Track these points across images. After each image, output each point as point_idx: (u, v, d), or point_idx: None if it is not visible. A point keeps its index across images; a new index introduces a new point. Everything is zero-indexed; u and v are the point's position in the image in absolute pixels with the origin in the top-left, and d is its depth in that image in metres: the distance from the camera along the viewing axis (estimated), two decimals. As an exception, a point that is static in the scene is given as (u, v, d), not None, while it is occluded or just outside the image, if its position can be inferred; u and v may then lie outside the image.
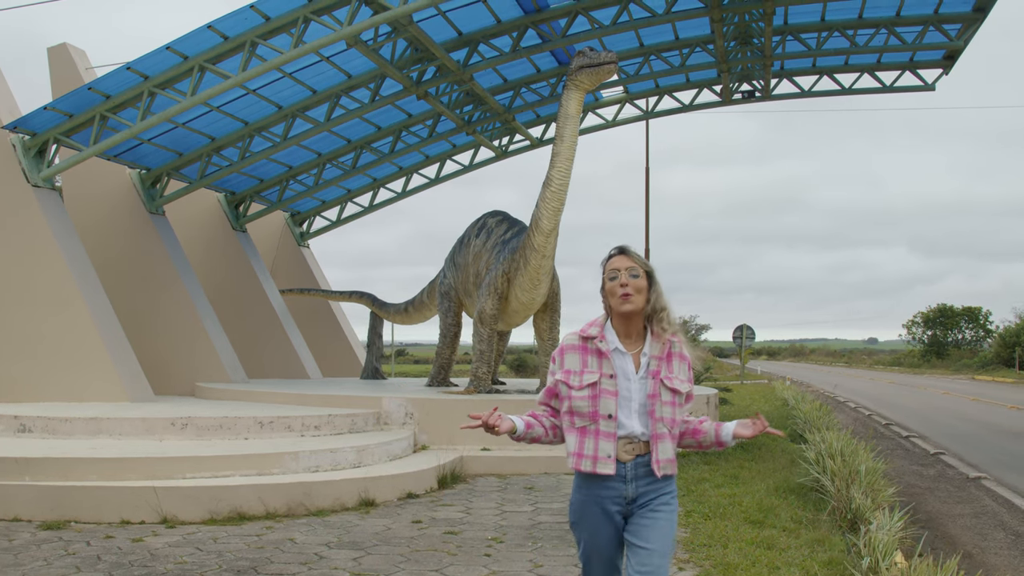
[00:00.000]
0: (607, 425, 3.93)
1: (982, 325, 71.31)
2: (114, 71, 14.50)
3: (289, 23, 13.74)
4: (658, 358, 3.98)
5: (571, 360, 4.04)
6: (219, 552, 7.71)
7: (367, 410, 13.27)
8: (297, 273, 23.26)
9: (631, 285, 3.96)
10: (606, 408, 3.92)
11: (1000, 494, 11.21)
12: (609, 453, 3.92)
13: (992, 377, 47.29)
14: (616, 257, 4.08)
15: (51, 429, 11.62)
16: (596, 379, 3.94)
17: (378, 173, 22.57)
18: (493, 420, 4.01)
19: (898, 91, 20.90)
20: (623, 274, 3.98)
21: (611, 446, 3.92)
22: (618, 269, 4.00)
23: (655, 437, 3.94)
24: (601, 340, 4.00)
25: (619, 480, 3.97)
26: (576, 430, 3.98)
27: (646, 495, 3.99)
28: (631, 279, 3.97)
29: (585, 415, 3.95)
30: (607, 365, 3.96)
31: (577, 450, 3.98)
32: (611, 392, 3.93)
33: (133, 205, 18.06)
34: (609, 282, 4.02)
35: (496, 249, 14.66)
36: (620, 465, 3.95)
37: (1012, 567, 7.63)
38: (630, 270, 3.99)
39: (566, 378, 4.02)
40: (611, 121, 22.43)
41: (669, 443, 3.98)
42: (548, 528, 8.76)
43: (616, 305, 3.98)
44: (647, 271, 4.05)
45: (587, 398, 3.94)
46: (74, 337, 14.69)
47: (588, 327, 4.08)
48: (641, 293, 3.98)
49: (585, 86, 12.99)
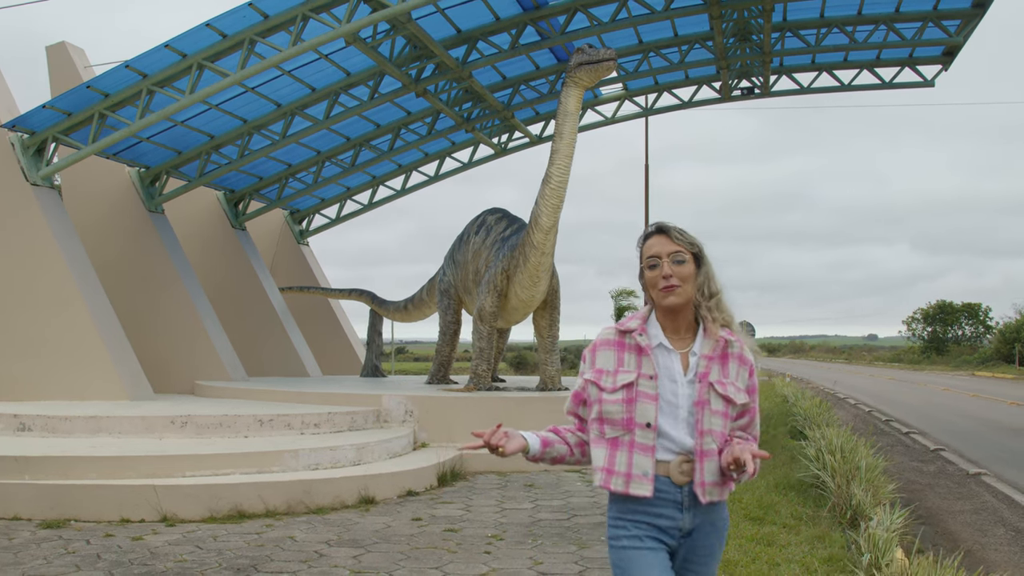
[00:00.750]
0: (644, 436, 3.23)
1: (982, 321, 71.33)
2: (113, 69, 14.49)
3: (288, 21, 13.72)
4: (709, 358, 3.29)
5: (605, 358, 3.37)
6: (219, 550, 7.71)
7: (367, 408, 13.27)
8: (297, 271, 23.25)
9: (676, 274, 3.28)
10: (644, 415, 3.22)
11: (1000, 490, 11.21)
12: (646, 470, 3.21)
13: (992, 373, 47.29)
14: (655, 238, 3.37)
15: (51, 428, 11.61)
16: (632, 379, 3.26)
17: (377, 171, 22.55)
18: (496, 440, 3.31)
19: (898, 87, 20.90)
20: (665, 262, 3.29)
21: (648, 462, 3.22)
22: (659, 256, 3.31)
23: (700, 455, 3.23)
24: (641, 334, 3.33)
25: (673, 506, 3.26)
26: (606, 442, 3.29)
27: (702, 528, 3.31)
28: (675, 267, 3.29)
29: (618, 423, 3.25)
30: (647, 364, 3.28)
31: (607, 465, 3.28)
32: (650, 396, 3.24)
33: (132, 203, 18.05)
34: (649, 272, 3.34)
35: (496, 246, 14.65)
36: (675, 489, 3.25)
37: (1012, 563, 7.63)
38: (674, 256, 3.30)
39: (597, 378, 3.34)
40: (610, 118, 22.42)
41: (716, 462, 3.26)
42: (548, 525, 8.76)
43: (659, 299, 3.32)
44: (695, 252, 3.35)
45: (621, 402, 3.25)
46: (73, 335, 14.68)
47: (628, 319, 3.41)
48: (689, 282, 3.30)
49: (584, 83, 12.98)
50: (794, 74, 21.21)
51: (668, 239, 3.35)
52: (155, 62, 14.30)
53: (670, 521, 3.26)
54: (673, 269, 3.28)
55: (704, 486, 3.24)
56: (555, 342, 14.92)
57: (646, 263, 3.36)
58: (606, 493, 3.31)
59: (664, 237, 3.36)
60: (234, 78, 14.03)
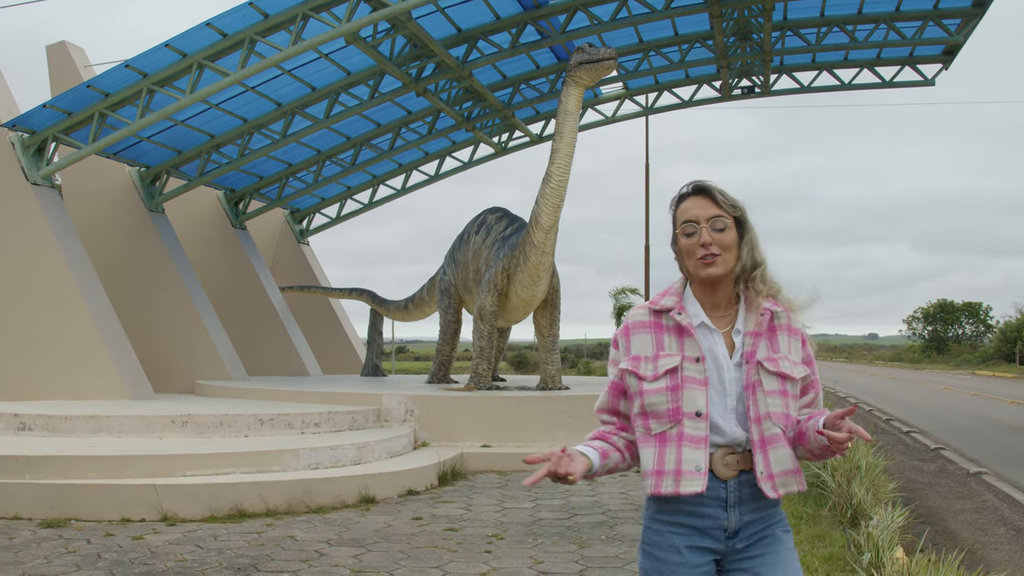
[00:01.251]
0: (695, 426, 2.81)
1: (983, 320, 71.37)
2: (113, 69, 14.49)
3: (288, 20, 13.72)
4: (755, 335, 2.88)
5: (641, 342, 2.93)
6: (219, 550, 7.71)
7: (367, 407, 13.27)
8: (297, 270, 23.25)
9: (716, 242, 2.85)
10: (692, 403, 2.81)
11: (1001, 489, 11.20)
12: (699, 464, 2.80)
13: (993, 372, 47.28)
14: (691, 200, 2.92)
15: (51, 427, 11.61)
16: (676, 364, 2.85)
17: (377, 170, 22.55)
18: (564, 468, 2.74)
19: (898, 86, 20.90)
20: (704, 228, 2.85)
21: (700, 455, 2.80)
22: (696, 221, 2.87)
23: (762, 443, 2.81)
24: (680, 312, 2.90)
25: (716, 504, 2.85)
26: (653, 439, 2.86)
27: (753, 526, 2.89)
28: (716, 234, 2.86)
29: (664, 415, 2.83)
30: (691, 345, 2.86)
31: (656, 466, 2.84)
32: (698, 381, 2.83)
33: (132, 203, 18.04)
34: (684, 239, 2.90)
35: (496, 246, 14.65)
36: (719, 484, 2.84)
37: (1013, 562, 7.63)
38: (714, 221, 2.86)
39: (635, 367, 2.90)
40: (610, 117, 22.42)
41: (785, 448, 2.84)
42: (549, 524, 8.76)
43: (696, 270, 2.89)
44: (737, 217, 2.91)
45: (665, 390, 2.83)
46: (74, 335, 14.68)
47: (661, 296, 2.98)
48: (731, 250, 2.87)
49: (584, 82, 12.99)
50: (794, 73, 21.22)
51: (708, 201, 2.90)
52: (155, 61, 14.30)
53: (713, 521, 2.86)
54: (713, 236, 2.85)
55: (774, 479, 2.82)
56: (555, 341, 14.93)
57: (681, 229, 2.91)
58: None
59: (703, 199, 2.91)
60: (234, 77, 14.03)
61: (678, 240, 2.93)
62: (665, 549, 2.88)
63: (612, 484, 10.82)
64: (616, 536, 8.23)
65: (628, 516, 9.07)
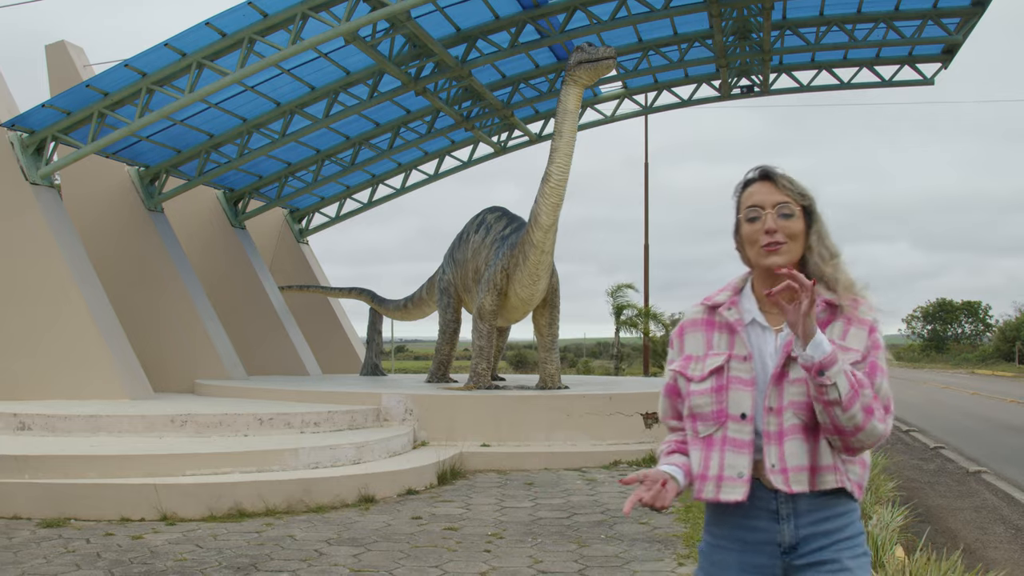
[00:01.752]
0: (739, 429, 2.64)
1: (982, 319, 71.45)
2: (112, 68, 14.48)
3: (287, 19, 13.71)
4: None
5: (694, 341, 2.81)
6: (219, 549, 7.71)
7: (367, 406, 13.27)
8: (296, 270, 23.24)
9: (781, 230, 2.69)
10: (738, 404, 2.65)
11: (1000, 488, 11.21)
12: (741, 471, 2.62)
13: (992, 371, 47.31)
14: (757, 185, 2.77)
15: (50, 427, 11.61)
16: (723, 363, 2.70)
17: (377, 169, 22.54)
18: (661, 503, 2.63)
19: (897, 85, 20.90)
20: (769, 214, 2.69)
21: (744, 461, 2.63)
22: (761, 206, 2.71)
23: (778, 435, 2.62)
24: (731, 307, 2.76)
25: (767, 516, 2.65)
26: (700, 441, 2.71)
27: (814, 542, 2.63)
28: (781, 220, 2.69)
29: (709, 417, 2.69)
30: (740, 343, 2.71)
31: (700, 470, 2.70)
32: (744, 381, 2.66)
33: (132, 202, 18.04)
34: (747, 224, 2.74)
35: (495, 245, 14.65)
36: (768, 494, 2.64)
37: (1013, 561, 7.63)
38: (780, 207, 2.70)
39: (684, 368, 2.79)
40: (610, 116, 22.41)
41: (803, 442, 2.62)
42: (548, 524, 8.76)
43: (758, 258, 2.72)
44: (805, 205, 2.73)
45: (710, 391, 2.70)
46: (73, 335, 14.67)
47: (717, 291, 2.85)
48: (796, 239, 2.70)
49: (584, 81, 13.01)
50: (794, 72, 21.20)
51: (773, 187, 2.74)
52: (154, 61, 14.29)
53: (763, 535, 2.65)
54: (778, 223, 2.69)
55: (787, 473, 2.60)
56: (555, 340, 14.94)
57: (745, 214, 2.75)
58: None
59: (769, 184, 2.75)
60: (233, 77, 14.02)
61: (740, 227, 2.77)
62: (714, 562, 2.74)
63: (611, 484, 10.82)
64: (615, 535, 8.23)
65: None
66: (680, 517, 8.92)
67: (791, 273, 2.52)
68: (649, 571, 6.96)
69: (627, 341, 40.70)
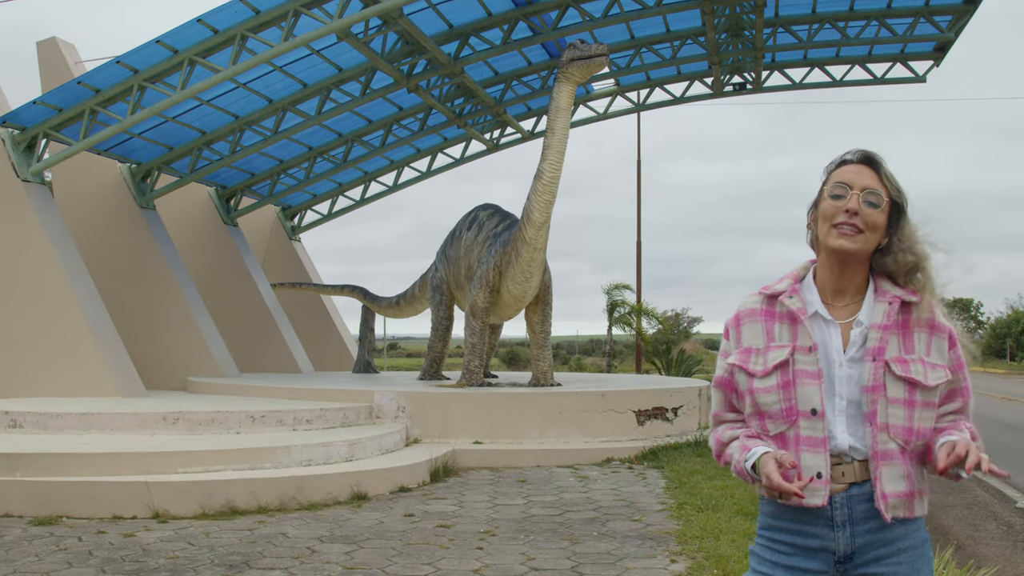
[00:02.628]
0: (811, 426, 2.50)
1: (973, 317, 71.57)
2: (103, 65, 14.44)
3: (279, 16, 13.69)
4: (884, 328, 2.50)
5: (752, 332, 2.65)
6: (211, 546, 7.70)
7: (359, 404, 13.26)
8: (288, 267, 23.21)
9: (863, 216, 2.50)
10: (808, 400, 2.50)
11: (992, 485, 11.25)
12: (819, 471, 2.48)
13: (983, 368, 47.46)
14: (853, 167, 2.58)
15: (42, 424, 11.58)
16: (787, 356, 2.54)
17: (369, 167, 22.52)
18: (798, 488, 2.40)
19: (889, 83, 20.94)
20: (856, 195, 2.51)
21: (821, 460, 2.49)
22: (850, 185, 2.53)
23: (878, 456, 2.47)
24: (792, 296, 2.60)
25: (822, 522, 2.52)
26: (772, 440, 2.57)
27: (871, 551, 2.51)
28: (866, 207, 2.51)
29: (778, 416, 2.54)
30: (803, 334, 2.55)
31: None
32: (811, 374, 2.52)
33: (123, 199, 17.99)
34: (830, 200, 2.56)
35: (488, 242, 14.65)
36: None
37: (1004, 558, 7.66)
38: (868, 193, 2.51)
39: (744, 361, 2.63)
40: (602, 114, 22.41)
41: (900, 467, 2.49)
42: (540, 521, 8.76)
43: (827, 236, 2.54)
44: (897, 201, 2.55)
45: (776, 388, 2.54)
46: (65, 332, 14.64)
47: (777, 280, 2.68)
48: (875, 231, 2.52)
49: (576, 79, 13.01)
50: (786, 69, 21.22)
51: (871, 172, 2.55)
52: (146, 58, 14.26)
53: (818, 541, 2.52)
54: (862, 209, 2.51)
55: (886, 499, 2.46)
56: (547, 338, 14.94)
57: (830, 189, 2.56)
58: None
59: (867, 169, 2.56)
60: (225, 74, 14.00)
61: (821, 201, 2.59)
62: (765, 564, 2.62)
63: (604, 481, 10.83)
64: (608, 532, 8.24)
65: (620, 513, 9.08)
66: (673, 514, 8.93)
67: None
68: (642, 568, 6.97)
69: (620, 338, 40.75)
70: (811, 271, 2.67)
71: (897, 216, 2.56)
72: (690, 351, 34.98)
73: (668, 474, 11.21)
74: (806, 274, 2.67)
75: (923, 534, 2.58)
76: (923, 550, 2.56)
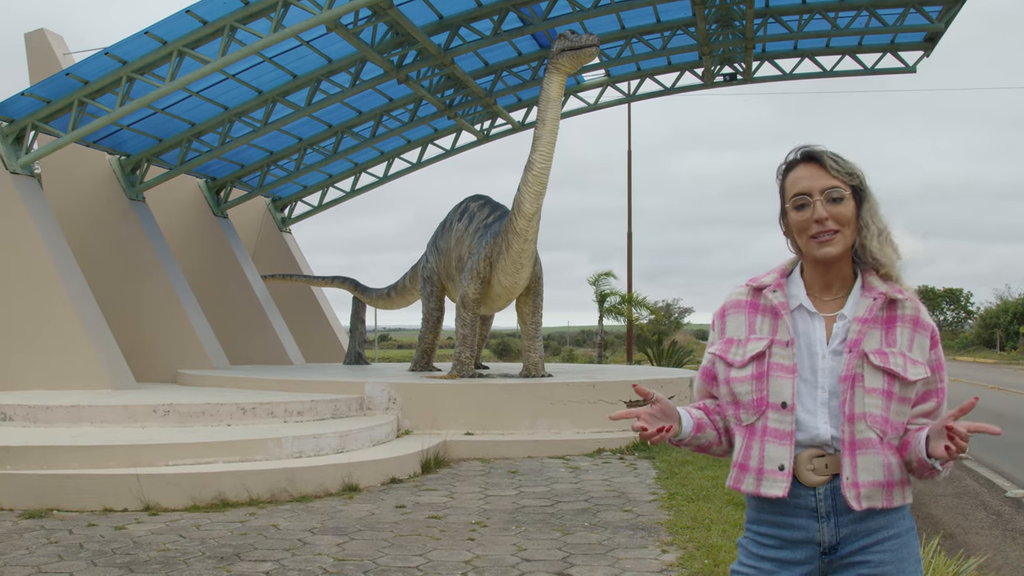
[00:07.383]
0: (779, 419, 2.53)
1: (963, 307, 71.92)
2: (92, 56, 14.37)
3: (268, 7, 13.64)
4: (865, 321, 2.53)
5: (735, 323, 2.68)
6: (202, 539, 7.69)
7: (350, 395, 13.25)
8: (279, 259, 23.18)
9: (832, 216, 2.53)
10: (779, 393, 2.54)
11: (981, 474, 11.30)
12: (782, 463, 2.51)
13: (973, 358, 47.64)
14: (801, 169, 2.59)
15: (32, 417, 11.55)
16: (764, 348, 2.58)
17: (360, 158, 22.48)
18: (656, 436, 2.54)
19: (879, 73, 21.00)
20: (818, 202, 2.53)
21: (784, 453, 2.51)
22: (808, 193, 2.55)
23: (851, 447, 2.48)
24: (776, 290, 2.63)
25: (806, 514, 2.54)
26: (743, 429, 2.61)
27: (855, 542, 2.53)
28: (831, 206, 2.53)
29: (750, 405, 2.58)
30: (783, 328, 2.58)
31: (740, 459, 2.61)
32: (785, 368, 2.55)
33: (113, 191, 17.93)
34: (795, 213, 2.58)
35: (478, 233, 14.65)
36: (807, 490, 2.53)
37: (993, 546, 7.70)
38: (829, 192, 2.54)
39: (724, 352, 2.66)
40: (592, 104, 22.41)
41: (878, 456, 2.49)
42: (531, 512, 8.77)
43: (809, 248, 2.57)
44: (855, 186, 2.57)
45: (750, 379, 2.58)
46: (54, 325, 14.59)
47: (765, 274, 2.71)
48: (849, 225, 2.55)
49: (566, 69, 13.00)
50: (776, 60, 21.26)
51: (820, 169, 2.56)
52: (134, 49, 14.20)
53: (803, 533, 2.54)
54: (829, 210, 2.53)
55: (859, 488, 2.47)
56: (538, 329, 14.95)
57: (791, 202, 2.58)
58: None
59: (815, 167, 2.57)
60: (215, 65, 13.95)
61: (787, 215, 2.61)
62: (752, 557, 2.64)
63: (595, 471, 10.85)
64: (599, 523, 8.25)
65: (611, 503, 9.10)
66: (663, 505, 8.95)
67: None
68: (633, 558, 6.99)
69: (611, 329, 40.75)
70: (799, 265, 2.69)
71: (861, 196, 2.59)
72: (681, 342, 35.03)
73: (659, 464, 11.24)
74: (793, 268, 2.69)
75: (908, 523, 2.58)
76: (907, 539, 2.56)
